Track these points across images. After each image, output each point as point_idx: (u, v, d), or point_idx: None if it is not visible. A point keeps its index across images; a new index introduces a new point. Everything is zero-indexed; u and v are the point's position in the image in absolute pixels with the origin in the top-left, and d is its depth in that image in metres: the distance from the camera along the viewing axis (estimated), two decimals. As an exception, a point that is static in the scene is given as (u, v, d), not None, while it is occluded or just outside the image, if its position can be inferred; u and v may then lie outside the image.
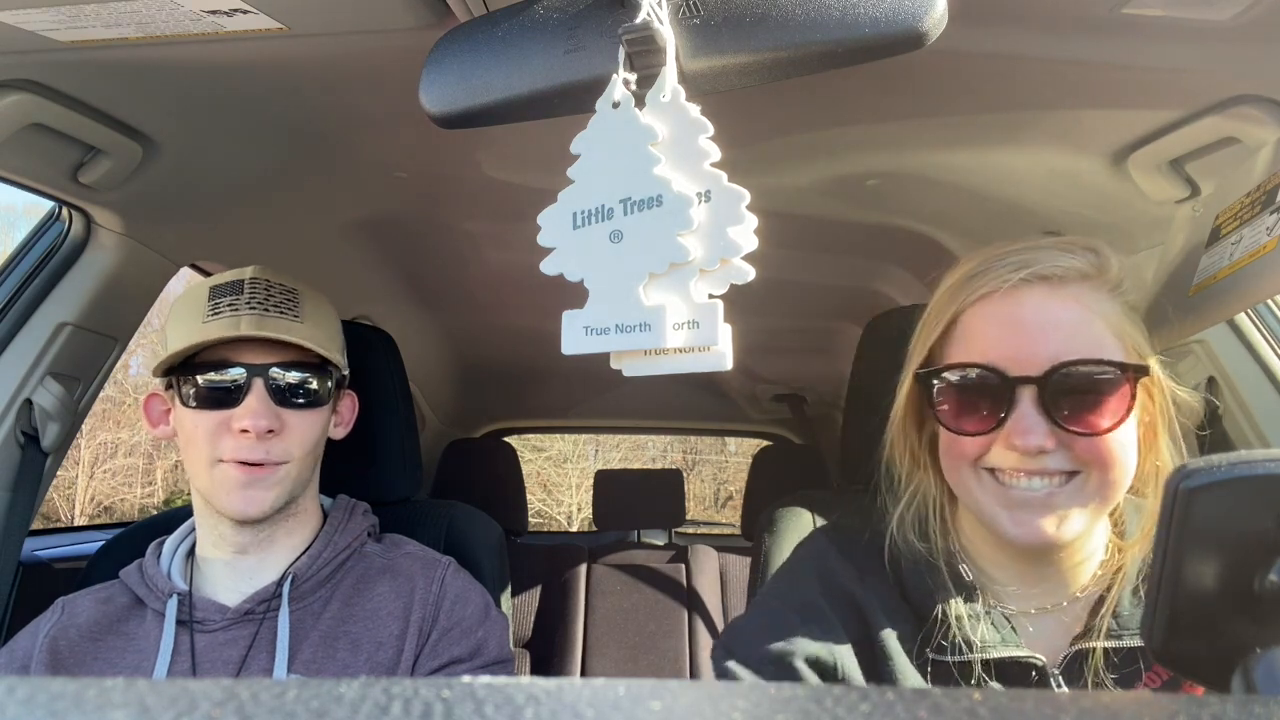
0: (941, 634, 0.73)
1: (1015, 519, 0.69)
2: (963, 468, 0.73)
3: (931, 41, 0.58)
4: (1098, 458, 0.68)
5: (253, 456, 0.94)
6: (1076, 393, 0.67)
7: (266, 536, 1.01)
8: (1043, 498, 0.69)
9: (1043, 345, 0.68)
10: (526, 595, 2.35)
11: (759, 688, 0.23)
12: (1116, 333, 0.70)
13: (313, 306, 1.03)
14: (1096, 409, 0.67)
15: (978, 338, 0.72)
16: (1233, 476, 0.41)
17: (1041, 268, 0.70)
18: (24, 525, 1.18)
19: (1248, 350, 1.18)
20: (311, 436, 1.00)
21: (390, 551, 1.07)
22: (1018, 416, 0.67)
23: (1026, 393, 0.68)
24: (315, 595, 1.00)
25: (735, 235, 0.55)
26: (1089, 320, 0.69)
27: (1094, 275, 0.71)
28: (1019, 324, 0.70)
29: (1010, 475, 0.70)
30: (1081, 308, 0.70)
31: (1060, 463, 0.68)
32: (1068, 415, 0.67)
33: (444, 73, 0.66)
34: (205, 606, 0.97)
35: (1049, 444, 0.67)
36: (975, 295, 0.73)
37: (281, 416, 0.96)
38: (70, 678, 0.22)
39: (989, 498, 0.71)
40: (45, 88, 0.94)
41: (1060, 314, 0.69)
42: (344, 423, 1.09)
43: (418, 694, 0.22)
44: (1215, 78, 0.90)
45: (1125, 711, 0.22)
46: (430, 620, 1.00)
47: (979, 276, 0.73)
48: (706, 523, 10.15)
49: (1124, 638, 0.71)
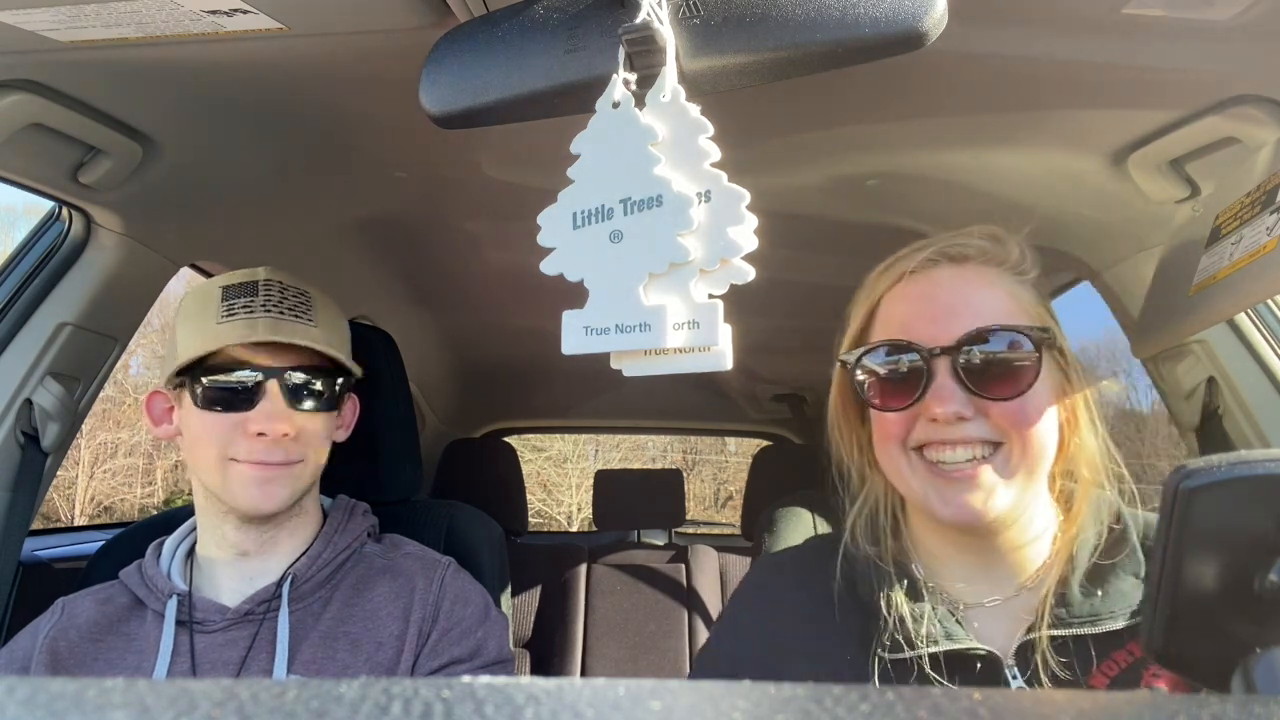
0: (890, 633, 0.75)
1: (944, 496, 0.72)
2: (893, 450, 0.76)
3: (931, 41, 0.58)
4: (1015, 423, 0.71)
5: (270, 458, 0.95)
6: (988, 360, 0.71)
7: (270, 538, 1.01)
8: (968, 472, 0.71)
9: (953, 318, 0.72)
10: (526, 595, 2.35)
11: (759, 688, 0.23)
12: (1022, 306, 0.75)
13: (324, 309, 1.04)
14: (1008, 375, 0.71)
15: (895, 318, 0.77)
16: (1233, 476, 0.42)
17: (945, 246, 0.76)
18: (24, 525, 1.18)
19: (1248, 350, 1.18)
20: (323, 438, 1.01)
21: (390, 552, 1.07)
22: (935, 387, 0.71)
23: (942, 363, 0.71)
24: (315, 596, 1.00)
25: (735, 235, 0.55)
26: (995, 294, 0.74)
27: (994, 255, 0.77)
28: (930, 299, 0.75)
29: (937, 449, 0.73)
30: (986, 283, 0.75)
31: (980, 431, 0.71)
32: (982, 382, 0.71)
33: (444, 73, 0.66)
34: (205, 607, 0.97)
35: (967, 411, 0.70)
36: (890, 280, 0.78)
37: (294, 419, 0.96)
38: (70, 678, 0.22)
39: (919, 479, 0.74)
40: (45, 88, 0.94)
41: (967, 289, 0.75)
42: (345, 425, 1.09)
43: (418, 694, 0.22)
44: (1215, 78, 0.90)
45: (1125, 711, 0.22)
46: (430, 620, 1.00)
47: (895, 263, 0.79)
48: (706, 523, 10.16)
49: (1073, 626, 0.72)
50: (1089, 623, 0.72)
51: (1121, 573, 0.74)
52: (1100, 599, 0.73)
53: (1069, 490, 0.78)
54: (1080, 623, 0.72)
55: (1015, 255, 0.77)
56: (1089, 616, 0.72)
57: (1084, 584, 0.74)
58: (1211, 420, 1.22)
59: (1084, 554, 0.75)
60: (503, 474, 2.69)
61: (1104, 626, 0.72)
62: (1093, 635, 0.72)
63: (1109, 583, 0.74)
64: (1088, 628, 0.72)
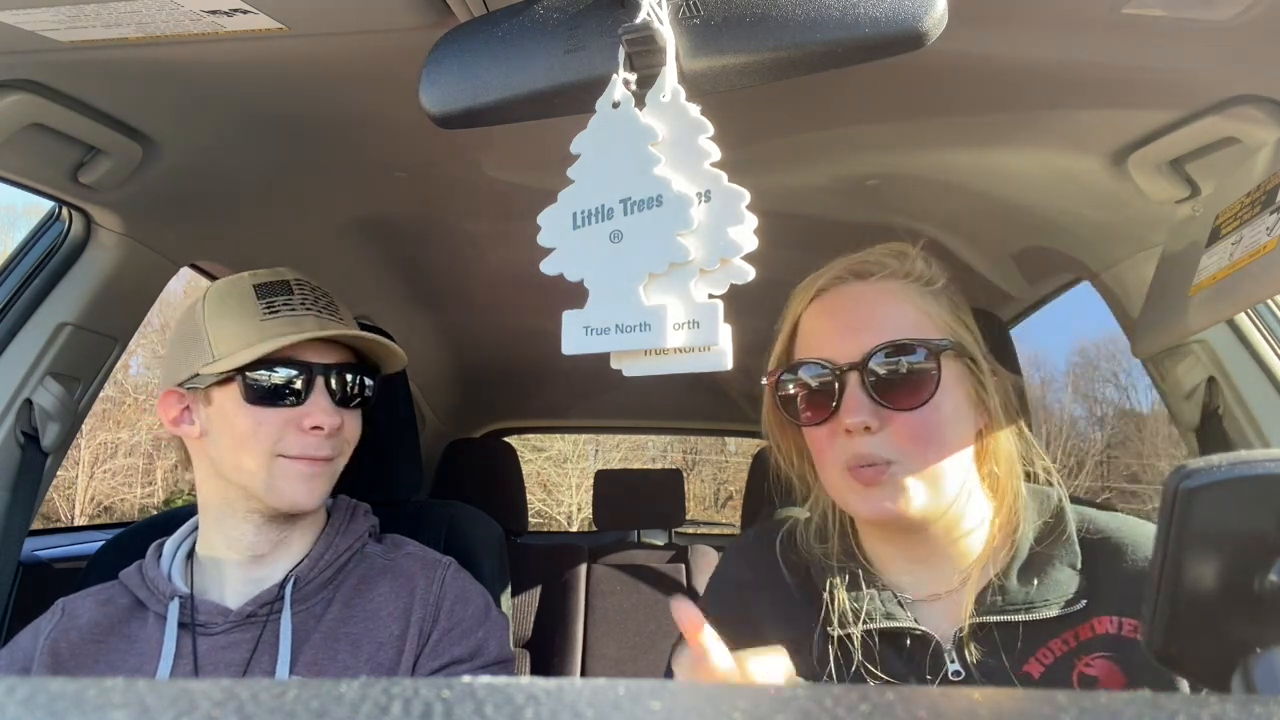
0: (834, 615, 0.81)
1: (864, 499, 0.77)
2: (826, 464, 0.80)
3: (931, 41, 0.58)
4: (913, 436, 0.75)
5: (321, 452, 0.97)
6: (892, 372, 0.75)
7: (284, 538, 1.01)
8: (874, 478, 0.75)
9: (861, 333, 0.76)
10: (526, 595, 2.35)
11: (759, 688, 0.23)
12: (930, 317, 0.78)
13: (345, 309, 1.06)
14: (909, 385, 0.75)
15: (812, 335, 0.81)
16: (1233, 476, 0.42)
17: (853, 264, 0.81)
18: (24, 525, 1.18)
19: (1248, 350, 1.18)
20: (356, 433, 1.04)
21: (391, 552, 1.07)
22: (845, 399, 0.75)
23: (852, 378, 0.76)
24: (317, 597, 1.00)
25: (735, 235, 0.55)
26: (901, 308, 0.78)
27: (899, 271, 0.80)
28: (839, 316, 0.79)
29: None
30: (892, 298, 0.79)
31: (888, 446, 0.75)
32: (885, 393, 0.75)
33: (444, 73, 0.66)
34: (207, 609, 0.97)
35: (873, 422, 0.74)
36: (807, 298, 0.83)
37: (338, 416, 0.99)
38: (70, 678, 0.22)
39: (846, 488, 0.78)
40: (45, 88, 0.94)
41: (874, 304, 0.79)
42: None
43: (418, 694, 0.22)
44: (1215, 78, 0.90)
45: (1125, 711, 0.22)
46: (431, 621, 1.00)
47: (811, 280, 0.84)
48: (706, 523, 10.16)
49: (1008, 613, 0.76)
50: (1023, 610, 0.76)
51: (1058, 563, 0.78)
52: (1036, 588, 0.77)
53: (995, 482, 0.82)
54: (1015, 610, 0.76)
55: (919, 268, 0.81)
56: (1023, 604, 0.76)
57: (1022, 573, 0.78)
58: (1211, 420, 1.22)
59: (1024, 544, 0.79)
60: (503, 474, 2.69)
61: (1038, 614, 0.75)
62: (1027, 622, 0.75)
63: (1045, 572, 0.77)
64: (1022, 614, 0.76)
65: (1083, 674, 0.73)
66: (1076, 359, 12.82)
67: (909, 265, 0.81)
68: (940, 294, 0.81)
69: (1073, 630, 0.75)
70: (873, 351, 0.75)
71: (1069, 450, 11.83)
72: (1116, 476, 11.54)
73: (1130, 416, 11.92)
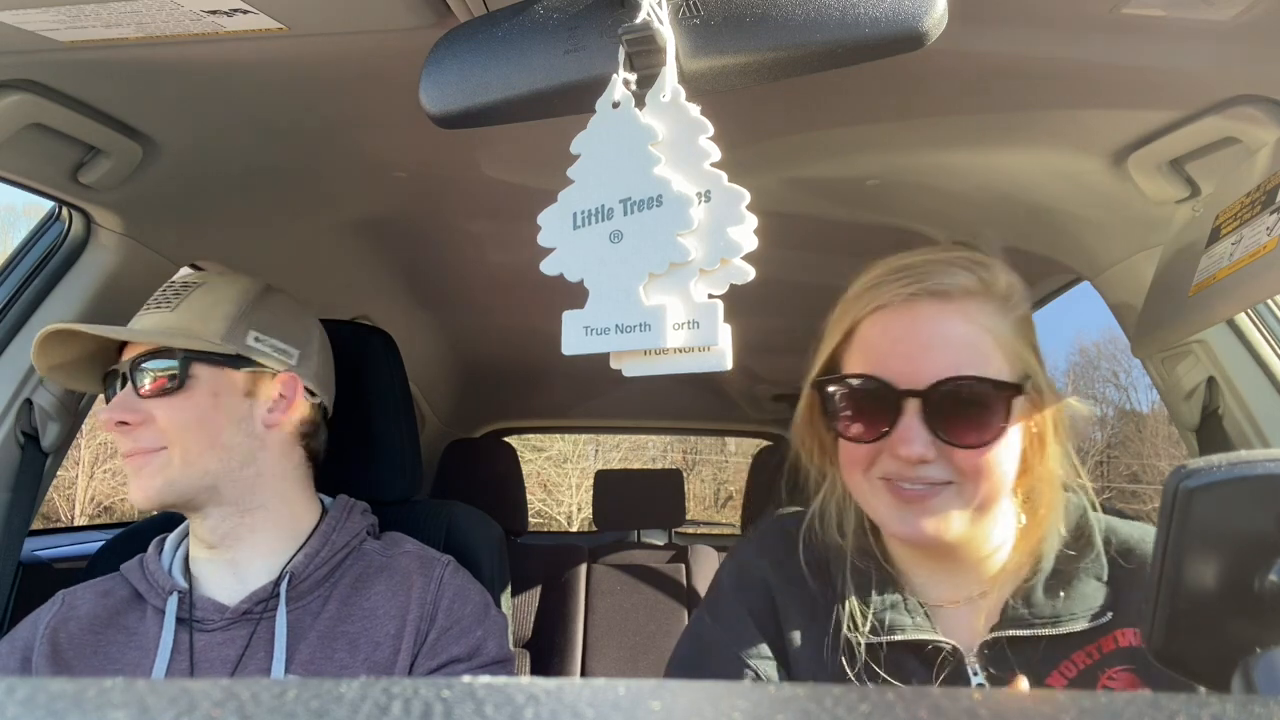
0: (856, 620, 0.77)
1: (901, 518, 0.73)
2: (856, 475, 0.76)
3: (931, 41, 0.58)
4: (974, 470, 0.71)
5: (124, 448, 0.96)
6: (958, 408, 0.70)
7: (228, 530, 1.00)
8: (923, 497, 0.72)
9: (929, 361, 0.71)
10: (526, 595, 2.35)
11: (759, 688, 0.23)
12: (1003, 347, 0.73)
13: (202, 294, 1.02)
14: (975, 424, 0.70)
15: (871, 349, 0.75)
16: (1233, 476, 0.42)
17: (932, 283, 0.73)
18: (24, 525, 1.18)
19: (1248, 350, 1.18)
20: (181, 420, 0.96)
21: (389, 550, 1.06)
22: (902, 427, 0.71)
23: (911, 405, 0.71)
24: (313, 595, 1.00)
25: (735, 235, 0.55)
26: (976, 336, 0.72)
27: (981, 292, 0.74)
28: (908, 339, 0.73)
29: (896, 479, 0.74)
30: (968, 323, 0.72)
31: (941, 473, 0.72)
32: (948, 428, 0.70)
33: (444, 73, 0.66)
34: (205, 606, 0.97)
35: (930, 454, 0.70)
36: (871, 306, 0.76)
37: (141, 408, 0.96)
38: (70, 678, 0.22)
39: (878, 500, 0.75)
40: (45, 88, 0.94)
41: (948, 330, 0.72)
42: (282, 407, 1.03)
43: (418, 694, 0.22)
44: (1215, 78, 0.90)
45: (1125, 711, 0.22)
46: (428, 619, 0.99)
47: (876, 289, 0.76)
48: (706, 523, 10.15)
49: (1035, 626, 0.74)
50: (1050, 624, 0.74)
51: (1085, 575, 0.76)
52: (1063, 600, 0.75)
53: (1033, 500, 0.79)
54: (1042, 623, 0.74)
55: (1002, 286, 0.75)
56: (1050, 618, 0.74)
57: (1048, 585, 0.76)
58: (1211, 420, 1.22)
59: (1049, 557, 0.77)
60: (503, 474, 2.69)
61: (1065, 628, 0.73)
62: (1053, 636, 0.73)
63: (1072, 585, 0.75)
64: (1049, 628, 0.73)
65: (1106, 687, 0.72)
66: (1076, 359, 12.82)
67: (991, 282, 0.74)
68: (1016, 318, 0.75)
69: (1096, 643, 0.74)
70: (940, 384, 0.70)
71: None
72: (1117, 476, 11.53)
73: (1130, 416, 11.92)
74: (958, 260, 0.75)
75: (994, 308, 0.74)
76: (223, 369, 1.00)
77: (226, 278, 1.07)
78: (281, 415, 1.03)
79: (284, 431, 1.04)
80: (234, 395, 1.00)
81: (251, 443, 1.01)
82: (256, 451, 1.01)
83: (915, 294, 0.73)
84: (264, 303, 1.05)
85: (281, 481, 1.03)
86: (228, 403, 0.99)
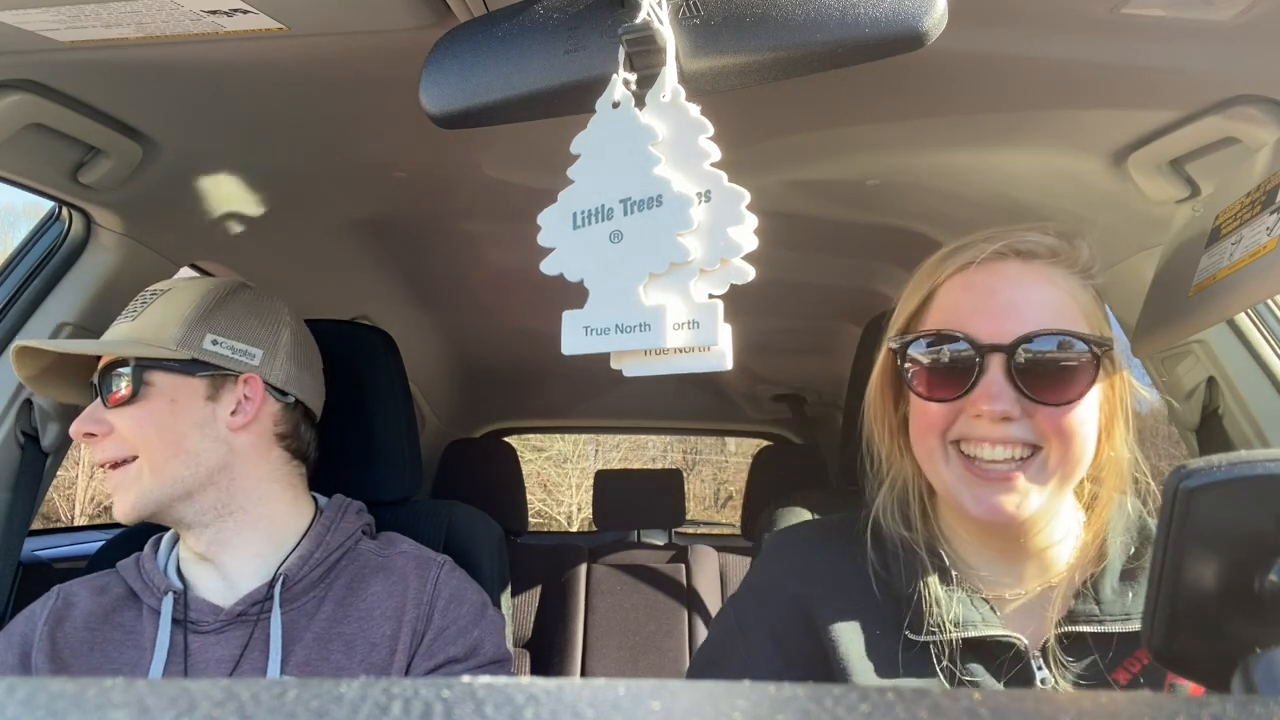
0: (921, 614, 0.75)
1: (977, 496, 0.72)
2: (931, 441, 0.75)
3: (931, 41, 0.58)
4: (1058, 430, 0.70)
5: (96, 458, 0.97)
6: (1043, 364, 0.69)
7: (212, 537, 0.99)
8: (1004, 472, 0.71)
9: (1013, 316, 0.71)
10: (526, 595, 2.35)
11: (759, 688, 0.23)
12: (1086, 314, 0.73)
13: (163, 302, 1.02)
14: (1061, 381, 0.70)
15: (952, 308, 0.74)
16: (1233, 476, 0.41)
17: (1016, 241, 0.74)
18: (24, 525, 1.18)
19: (1248, 350, 1.18)
20: (143, 428, 0.96)
21: (385, 550, 1.06)
22: (986, 383, 0.70)
23: (995, 360, 0.70)
24: (309, 596, 0.99)
25: (735, 235, 0.55)
26: (1059, 297, 0.72)
27: (1064, 255, 0.74)
28: (991, 294, 0.72)
29: (976, 445, 0.72)
30: (1051, 284, 0.73)
31: (1023, 432, 0.70)
32: (1033, 385, 0.69)
33: (444, 73, 0.66)
34: (199, 607, 0.97)
35: (1014, 411, 0.69)
36: (952, 268, 0.76)
37: (106, 419, 0.96)
38: (70, 679, 0.22)
39: (954, 474, 0.73)
40: (45, 88, 0.94)
41: (1031, 288, 0.72)
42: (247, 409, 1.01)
43: (418, 694, 0.22)
44: (1215, 78, 0.90)
45: (1125, 711, 0.22)
46: (425, 620, 0.99)
47: (957, 252, 0.76)
48: (706, 523, 10.14)
49: (1106, 623, 0.73)
50: (1121, 620, 0.73)
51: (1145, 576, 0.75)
52: (1132, 599, 0.74)
53: (1094, 494, 0.78)
54: (1113, 620, 0.73)
55: (1085, 257, 0.75)
56: (1121, 615, 0.73)
57: (1117, 584, 0.75)
58: (1211, 420, 1.22)
59: (1117, 555, 0.76)
60: (503, 474, 2.69)
61: (1134, 625, 0.72)
62: (1123, 633, 0.72)
63: (1139, 581, 0.75)
64: (1120, 625, 0.72)
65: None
66: (1076, 359, 12.75)
67: (1076, 251, 0.75)
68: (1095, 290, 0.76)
69: None
70: (1027, 336, 0.69)
71: (1069, 450, 11.78)
72: (1116, 476, 11.49)
73: (1130, 416, 11.87)
74: (1042, 227, 0.76)
75: (1076, 273, 0.74)
76: (179, 375, 0.99)
77: (195, 282, 1.06)
78: (247, 418, 1.01)
79: (253, 434, 1.02)
80: (194, 400, 0.99)
81: (219, 447, 0.99)
82: (227, 456, 0.99)
83: (1001, 252, 0.73)
84: (225, 304, 1.03)
85: (259, 484, 1.02)
86: (187, 408, 0.98)
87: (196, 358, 0.99)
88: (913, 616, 0.75)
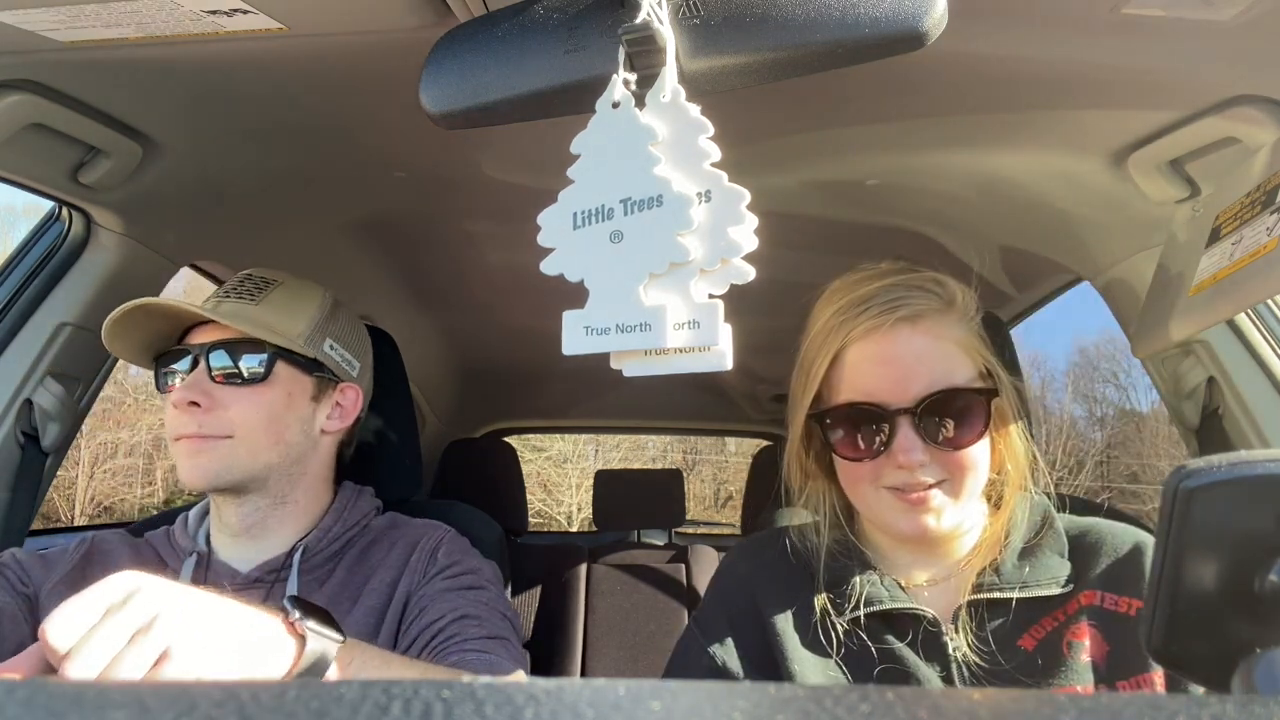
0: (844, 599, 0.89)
1: (908, 519, 0.84)
2: (862, 487, 0.87)
3: (931, 41, 0.58)
4: (959, 466, 0.83)
5: (185, 430, 0.97)
6: (943, 416, 0.82)
7: (258, 520, 1.03)
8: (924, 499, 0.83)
9: (913, 379, 0.82)
10: (526, 595, 2.35)
11: (759, 688, 0.23)
12: (966, 351, 0.84)
13: (283, 293, 1.06)
14: (959, 428, 0.82)
15: (860, 377, 0.85)
16: (1233, 476, 0.41)
17: (906, 310, 0.84)
18: (24, 525, 1.18)
19: (1248, 350, 1.18)
20: (254, 413, 0.99)
21: (395, 523, 1.12)
22: (899, 440, 0.82)
23: (904, 420, 0.82)
24: (323, 568, 1.04)
25: (735, 235, 0.55)
26: (945, 349, 0.84)
27: (943, 308, 0.85)
28: (893, 362, 0.84)
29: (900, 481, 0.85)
30: (937, 339, 0.84)
31: (933, 473, 0.83)
32: (936, 433, 0.82)
33: (444, 73, 0.66)
34: (219, 570, 1.01)
35: (925, 458, 0.82)
36: (854, 334, 0.85)
37: (214, 393, 0.97)
38: (70, 680, 0.23)
39: (885, 505, 0.86)
40: (45, 88, 0.94)
41: (922, 349, 0.83)
42: (340, 416, 1.09)
43: (418, 694, 0.22)
44: (1215, 78, 0.90)
45: (1125, 711, 0.22)
46: (428, 556, 1.04)
47: (851, 320, 0.86)
48: (706, 523, 10.15)
49: (1004, 590, 0.85)
50: (1019, 587, 0.84)
51: (1048, 550, 0.87)
52: (1029, 570, 0.85)
53: (999, 488, 0.89)
54: (1011, 588, 0.84)
55: (959, 299, 0.86)
56: (1019, 583, 0.85)
57: (1016, 559, 0.87)
58: (1211, 420, 1.22)
59: (1016, 537, 0.88)
60: (503, 474, 2.68)
61: (1032, 592, 0.84)
62: (1021, 599, 0.84)
63: (1036, 558, 0.86)
64: (1017, 591, 0.84)
65: (1070, 641, 0.82)
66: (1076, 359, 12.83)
67: (949, 297, 0.85)
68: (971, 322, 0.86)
69: (1062, 608, 0.84)
70: (926, 398, 0.81)
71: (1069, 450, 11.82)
72: (1116, 476, 11.53)
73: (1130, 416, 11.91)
74: (915, 282, 0.86)
75: (955, 319, 0.85)
76: (300, 371, 1.04)
77: (308, 283, 1.10)
78: (338, 423, 1.08)
79: (333, 437, 1.09)
80: (303, 398, 1.04)
81: (306, 444, 1.05)
82: (308, 452, 1.06)
83: (891, 322, 0.84)
84: (339, 313, 1.11)
85: (316, 481, 1.08)
86: (298, 404, 1.04)
87: (317, 358, 1.05)
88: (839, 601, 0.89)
